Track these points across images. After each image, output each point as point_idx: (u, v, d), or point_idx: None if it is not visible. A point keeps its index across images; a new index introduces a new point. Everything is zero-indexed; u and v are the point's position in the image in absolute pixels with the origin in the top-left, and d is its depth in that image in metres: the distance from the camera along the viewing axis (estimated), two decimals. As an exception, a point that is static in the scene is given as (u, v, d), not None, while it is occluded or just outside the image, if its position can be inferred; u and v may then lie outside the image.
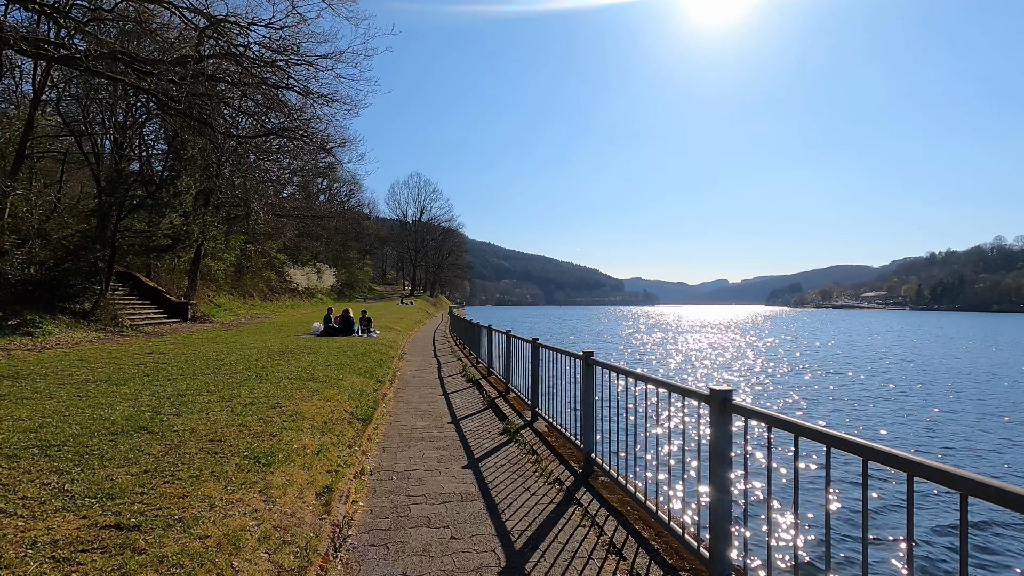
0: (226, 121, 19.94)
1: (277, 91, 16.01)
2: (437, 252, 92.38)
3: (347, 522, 3.90)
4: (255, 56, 14.68)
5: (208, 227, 23.67)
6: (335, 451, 5.05)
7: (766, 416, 2.59)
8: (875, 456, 1.96)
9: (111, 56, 12.99)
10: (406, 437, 6.61)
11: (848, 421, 14.27)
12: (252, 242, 37.58)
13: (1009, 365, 27.61)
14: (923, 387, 20.07)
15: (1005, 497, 1.52)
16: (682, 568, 3.22)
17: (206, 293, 27.04)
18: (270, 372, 8.85)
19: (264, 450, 4.56)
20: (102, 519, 3.12)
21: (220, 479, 3.87)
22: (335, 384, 8.10)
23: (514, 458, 5.67)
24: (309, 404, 6.53)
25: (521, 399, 8.41)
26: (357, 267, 67.14)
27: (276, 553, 3.03)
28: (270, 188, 38.61)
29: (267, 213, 37.24)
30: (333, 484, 4.24)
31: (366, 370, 10.20)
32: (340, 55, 15.25)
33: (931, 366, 26.99)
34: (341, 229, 61.24)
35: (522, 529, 3.88)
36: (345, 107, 16.91)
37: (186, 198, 19.92)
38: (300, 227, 47.15)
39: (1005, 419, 14.42)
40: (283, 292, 39.50)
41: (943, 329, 68.51)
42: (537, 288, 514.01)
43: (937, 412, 15.38)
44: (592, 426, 5.00)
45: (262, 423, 5.47)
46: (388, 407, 8.43)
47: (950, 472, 1.68)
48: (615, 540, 3.62)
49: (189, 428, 5.16)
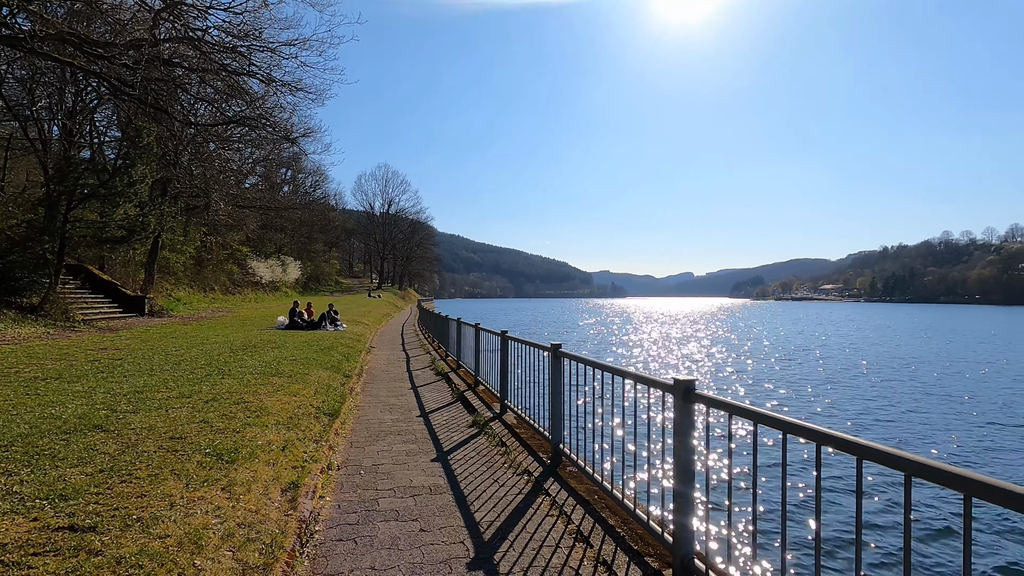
0: (184, 108, 19.19)
1: (238, 78, 15.48)
2: (405, 245, 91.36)
3: (314, 518, 3.85)
4: (214, 41, 14.15)
5: (165, 218, 22.80)
6: (301, 447, 4.97)
7: (727, 404, 2.68)
8: (827, 440, 2.05)
9: (58, 37, 12.33)
10: (374, 431, 6.56)
11: (803, 406, 14.86)
12: (213, 234, 36.43)
13: (943, 353, 29.13)
14: (868, 374, 21.00)
15: (946, 477, 1.62)
16: (647, 553, 3.31)
17: (164, 286, 26.10)
18: (233, 367, 8.63)
19: (227, 447, 4.46)
20: (54, 521, 3.01)
21: (181, 477, 3.77)
22: (301, 379, 7.97)
23: (483, 450, 5.70)
24: (274, 399, 6.41)
25: (490, 392, 8.44)
26: (323, 260, 65.89)
27: (240, 551, 2.98)
28: (231, 178, 37.45)
29: (228, 204, 36.14)
30: (299, 480, 4.18)
31: (333, 364, 10.05)
32: (304, 42, 14.85)
33: (875, 356, 28.24)
34: (306, 221, 59.96)
35: (491, 520, 3.91)
36: (310, 96, 16.50)
37: (141, 187, 19.13)
38: (263, 219, 45.96)
39: (964, 399, 15.23)
40: (246, 285, 38.46)
41: (889, 320, 71.70)
42: (507, 281, 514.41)
43: (883, 397, 16.14)
44: (560, 417, 5.06)
45: (225, 419, 5.34)
46: (356, 401, 8.34)
47: (895, 455, 1.77)
48: (582, 528, 3.68)
49: (147, 426, 5.00)
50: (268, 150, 39.55)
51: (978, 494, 1.52)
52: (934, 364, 24.73)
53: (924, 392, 17.41)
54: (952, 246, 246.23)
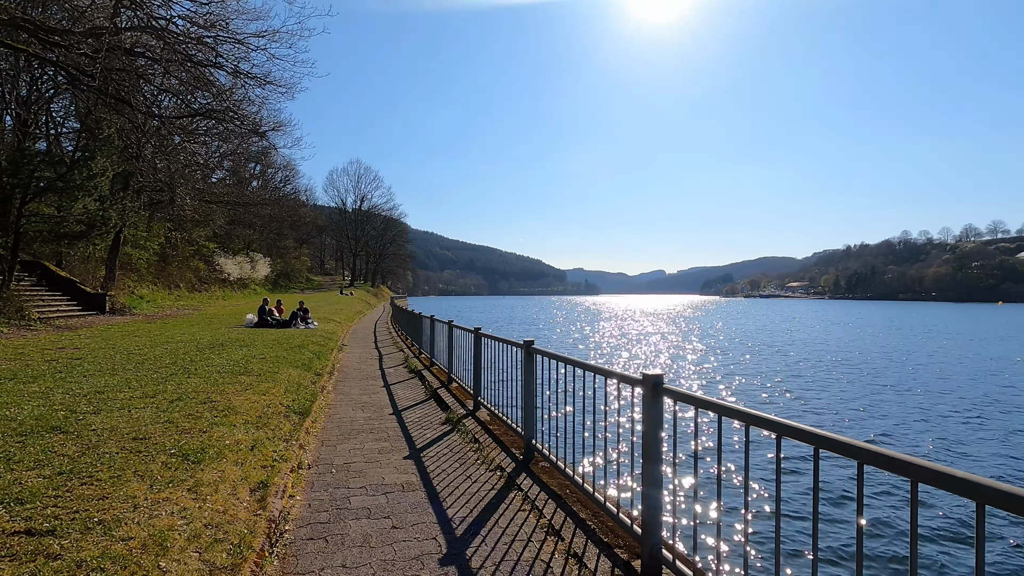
0: (147, 99, 18.56)
1: (204, 69, 15.07)
2: (378, 241, 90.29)
3: (284, 517, 3.81)
4: (179, 31, 13.73)
5: (128, 213, 22.05)
6: (271, 446, 4.90)
7: (693, 398, 2.75)
8: (787, 432, 2.13)
9: (11, 23, 11.81)
10: (346, 430, 6.50)
11: (765, 398, 15.32)
12: (178, 229, 35.39)
13: (901, 349, 30.33)
14: (829, 368, 21.72)
15: (894, 464, 1.70)
16: (616, 545, 3.38)
17: (126, 284, 25.25)
18: (199, 366, 8.43)
19: (193, 447, 4.37)
20: (10, 525, 2.91)
21: (145, 478, 3.68)
22: (270, 377, 7.83)
23: (456, 447, 5.71)
24: (242, 398, 6.29)
25: (464, 389, 8.44)
26: (294, 256, 64.67)
27: (207, 551, 2.93)
28: (197, 172, 36.44)
29: (194, 199, 35.17)
30: (269, 479, 4.12)
31: (304, 362, 9.91)
32: (274, 34, 14.52)
33: (837, 350, 29.22)
34: (276, 217, 58.74)
35: (463, 516, 3.92)
36: (279, 89, 16.18)
37: (101, 181, 18.44)
38: (231, 214, 44.85)
39: (916, 393, 15.87)
40: (213, 283, 37.50)
41: (848, 317, 74.15)
42: (481, 278, 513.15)
43: (850, 391, 16.73)
44: (533, 413, 5.11)
45: (191, 419, 5.23)
46: (327, 400, 8.24)
47: (849, 444, 1.85)
48: (554, 522, 3.73)
49: (109, 427, 4.86)
50: (236, 144, 38.59)
51: (923, 479, 1.60)
52: (884, 358, 25.70)
53: (877, 384, 18.10)
54: (911, 245, 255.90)
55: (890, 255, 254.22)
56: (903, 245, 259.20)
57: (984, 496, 1.44)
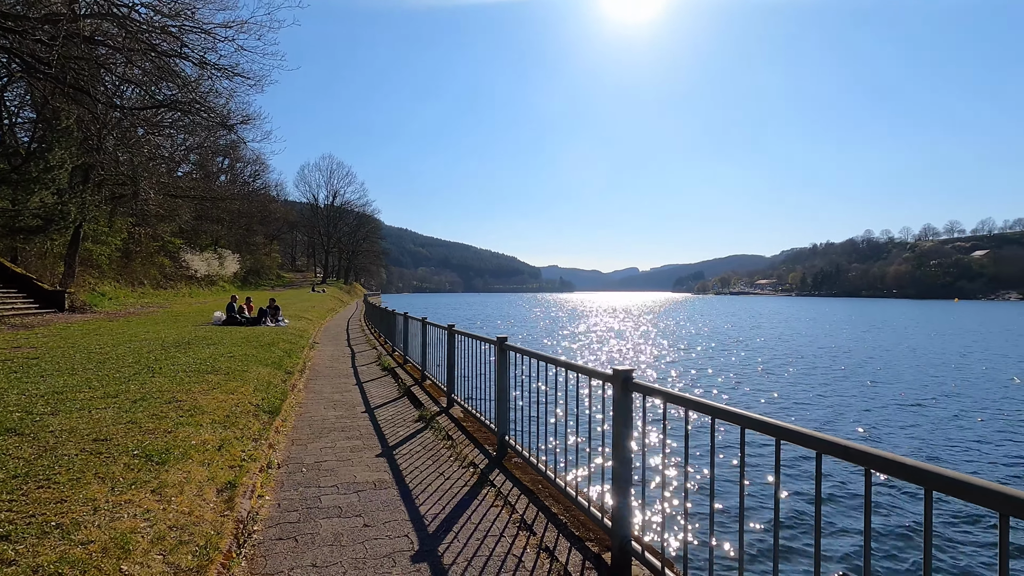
0: (108, 90, 17.93)
1: (169, 60, 14.62)
2: (351, 238, 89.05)
3: (252, 517, 3.75)
4: (142, 19, 13.29)
5: (88, 207, 21.24)
6: (239, 445, 4.80)
7: (662, 392, 2.81)
8: (750, 424, 2.20)
9: (-40, 7, 11.26)
10: (317, 428, 6.42)
11: (727, 395, 15.71)
12: (142, 224, 34.27)
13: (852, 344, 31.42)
14: (794, 363, 22.37)
15: (849, 453, 1.77)
16: (587, 538, 3.42)
17: (87, 280, 24.36)
18: (164, 365, 8.20)
19: (157, 447, 4.26)
20: (-40, 531, 2.79)
21: (106, 480, 3.57)
22: (239, 376, 7.67)
23: (429, 444, 5.69)
24: (209, 398, 6.15)
25: (437, 386, 8.42)
26: (264, 253, 63.39)
27: (172, 554, 2.86)
28: (162, 166, 35.34)
29: (159, 193, 34.11)
30: (236, 479, 4.04)
31: (274, 360, 9.73)
32: (242, 25, 14.17)
33: (799, 346, 30.10)
34: (245, 212, 57.46)
35: (436, 513, 3.92)
36: (248, 82, 15.80)
37: (60, 173, 17.76)
38: (198, 209, 43.68)
39: (868, 383, 16.47)
40: (179, 280, 36.48)
41: (813, 313, 76.39)
42: (456, 275, 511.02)
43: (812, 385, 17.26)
44: (506, 409, 5.13)
45: (155, 419, 5.09)
46: (298, 398, 8.12)
47: (808, 434, 1.92)
48: (526, 517, 3.76)
49: (68, 428, 4.69)
50: (203, 137, 37.51)
51: (876, 467, 1.67)
52: (841, 353, 26.58)
53: (839, 378, 18.73)
54: (873, 244, 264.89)
55: (854, 253, 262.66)
56: (866, 244, 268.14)
57: (932, 482, 1.51)
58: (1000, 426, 12.37)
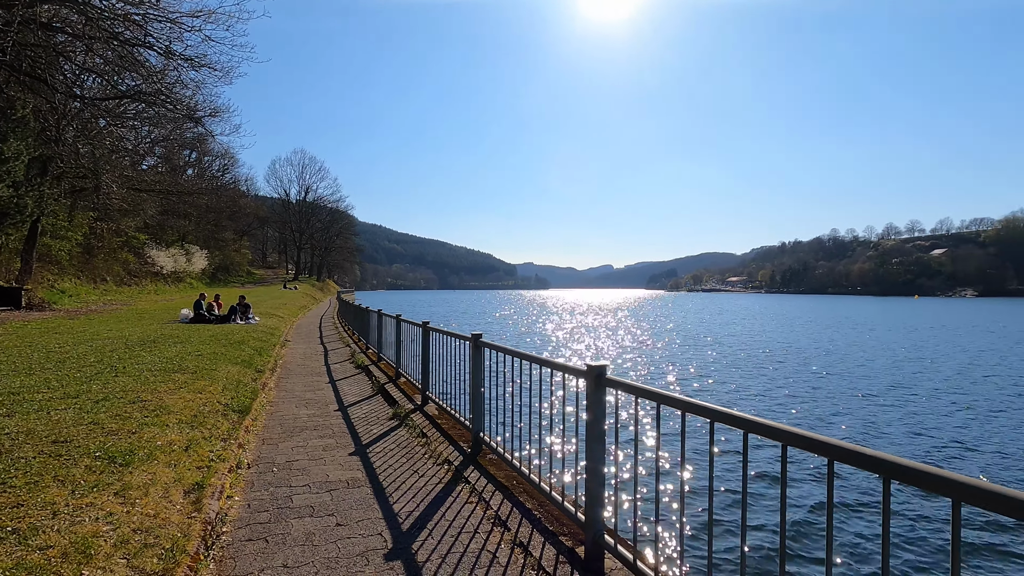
0: (68, 79, 17.24)
1: (132, 49, 14.13)
2: (324, 234, 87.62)
3: (221, 519, 3.67)
4: (102, 6, 12.81)
5: (46, 200, 20.40)
6: (207, 445, 4.69)
7: (634, 388, 2.84)
8: (719, 417, 2.24)
9: (-95, -12, 10.69)
10: (288, 427, 6.31)
11: (697, 387, 16.05)
12: (104, 219, 33.08)
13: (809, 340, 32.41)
14: (767, 358, 22.95)
15: (813, 444, 1.82)
16: (561, 533, 3.45)
17: (46, 277, 23.43)
18: (128, 364, 7.95)
19: (121, 449, 4.13)
20: (-92, 539, 2.67)
21: (66, 483, 3.45)
22: (207, 375, 7.49)
23: (404, 442, 5.66)
24: (176, 397, 5.99)
25: (412, 383, 8.36)
26: (233, 249, 61.95)
27: (136, 557, 2.78)
28: (125, 158, 34.08)
29: (122, 187, 32.88)
30: (204, 480, 3.95)
31: (244, 359, 9.53)
32: (209, 14, 13.79)
33: (768, 342, 30.88)
34: (214, 207, 55.98)
35: (410, 510, 3.90)
36: (215, 73, 15.43)
37: (15, 165, 17.00)
38: (164, 204, 42.37)
39: (832, 377, 16.99)
40: (144, 276, 35.38)
41: (782, 310, 78.41)
42: (431, 272, 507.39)
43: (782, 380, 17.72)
44: (481, 406, 5.12)
45: (118, 420, 4.93)
46: (269, 397, 7.97)
47: (775, 427, 1.98)
48: (500, 513, 3.77)
49: (24, 430, 4.52)
50: (169, 129, 36.30)
51: (839, 458, 1.73)
52: (802, 350, 27.37)
53: (805, 373, 19.29)
54: (839, 242, 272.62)
55: (820, 251, 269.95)
56: (832, 242, 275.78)
57: (889, 470, 1.57)
58: (960, 420, 12.90)
